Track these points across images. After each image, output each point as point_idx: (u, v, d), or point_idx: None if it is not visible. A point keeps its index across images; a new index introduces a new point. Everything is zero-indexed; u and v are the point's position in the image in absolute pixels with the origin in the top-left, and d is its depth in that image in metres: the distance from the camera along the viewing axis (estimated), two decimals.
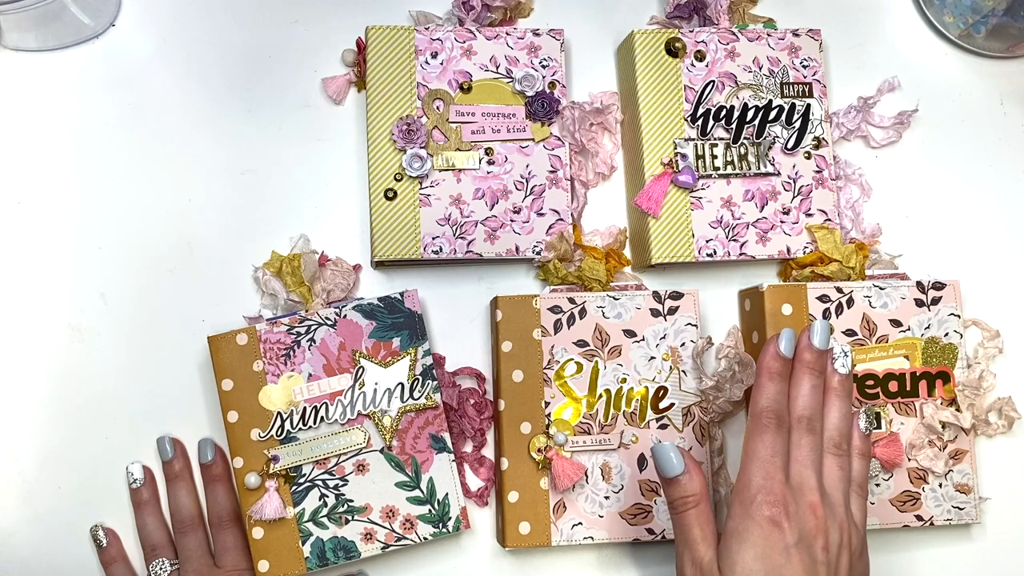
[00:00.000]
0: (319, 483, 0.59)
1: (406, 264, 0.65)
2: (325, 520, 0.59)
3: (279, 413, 0.59)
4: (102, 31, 0.67)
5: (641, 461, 0.61)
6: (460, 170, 0.64)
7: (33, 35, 0.65)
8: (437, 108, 0.65)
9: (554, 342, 0.62)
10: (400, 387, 0.60)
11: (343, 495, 0.59)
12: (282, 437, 0.59)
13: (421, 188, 0.64)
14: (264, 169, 0.66)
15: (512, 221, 0.64)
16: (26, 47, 0.66)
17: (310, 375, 0.60)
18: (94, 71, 0.67)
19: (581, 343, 0.62)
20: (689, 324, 0.63)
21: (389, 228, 0.63)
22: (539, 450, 0.60)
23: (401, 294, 0.61)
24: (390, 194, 0.63)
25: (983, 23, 0.71)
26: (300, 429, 0.59)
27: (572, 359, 0.62)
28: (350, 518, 0.59)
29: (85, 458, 0.62)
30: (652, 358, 0.62)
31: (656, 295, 0.63)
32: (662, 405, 0.62)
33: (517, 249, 0.64)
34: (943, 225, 0.70)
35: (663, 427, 0.62)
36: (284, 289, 0.62)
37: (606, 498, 0.61)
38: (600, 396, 0.62)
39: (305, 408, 0.59)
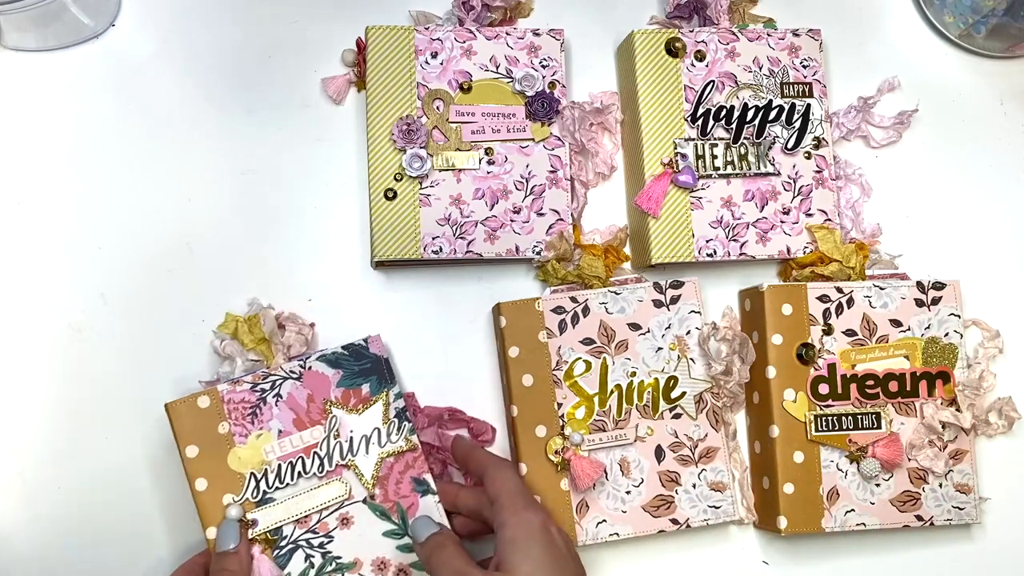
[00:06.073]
0: (303, 543, 0.56)
1: (406, 264, 0.65)
2: None
3: (252, 474, 0.56)
4: (102, 31, 0.67)
5: (659, 452, 0.61)
6: (460, 170, 0.64)
7: (33, 35, 0.65)
8: (437, 108, 0.65)
9: (560, 343, 0.62)
10: (376, 432, 0.58)
11: (330, 552, 0.56)
12: (258, 499, 0.56)
13: (421, 188, 0.64)
14: (264, 169, 0.66)
15: (512, 221, 0.64)
16: (26, 47, 0.66)
17: (280, 431, 0.57)
18: (94, 71, 0.67)
19: (587, 341, 0.62)
20: (692, 312, 0.63)
21: (389, 228, 0.63)
22: (556, 452, 0.60)
23: (365, 340, 0.60)
24: (390, 194, 0.63)
25: (983, 23, 0.71)
26: (277, 488, 0.56)
27: (580, 358, 0.62)
28: None
29: (85, 458, 0.62)
30: (659, 349, 0.62)
31: (657, 286, 0.63)
32: (674, 395, 0.62)
33: (517, 249, 0.64)
34: (943, 225, 0.70)
35: (676, 416, 0.62)
36: (243, 350, 0.61)
37: (627, 493, 0.61)
38: (611, 392, 0.62)
39: (280, 465, 0.57)
